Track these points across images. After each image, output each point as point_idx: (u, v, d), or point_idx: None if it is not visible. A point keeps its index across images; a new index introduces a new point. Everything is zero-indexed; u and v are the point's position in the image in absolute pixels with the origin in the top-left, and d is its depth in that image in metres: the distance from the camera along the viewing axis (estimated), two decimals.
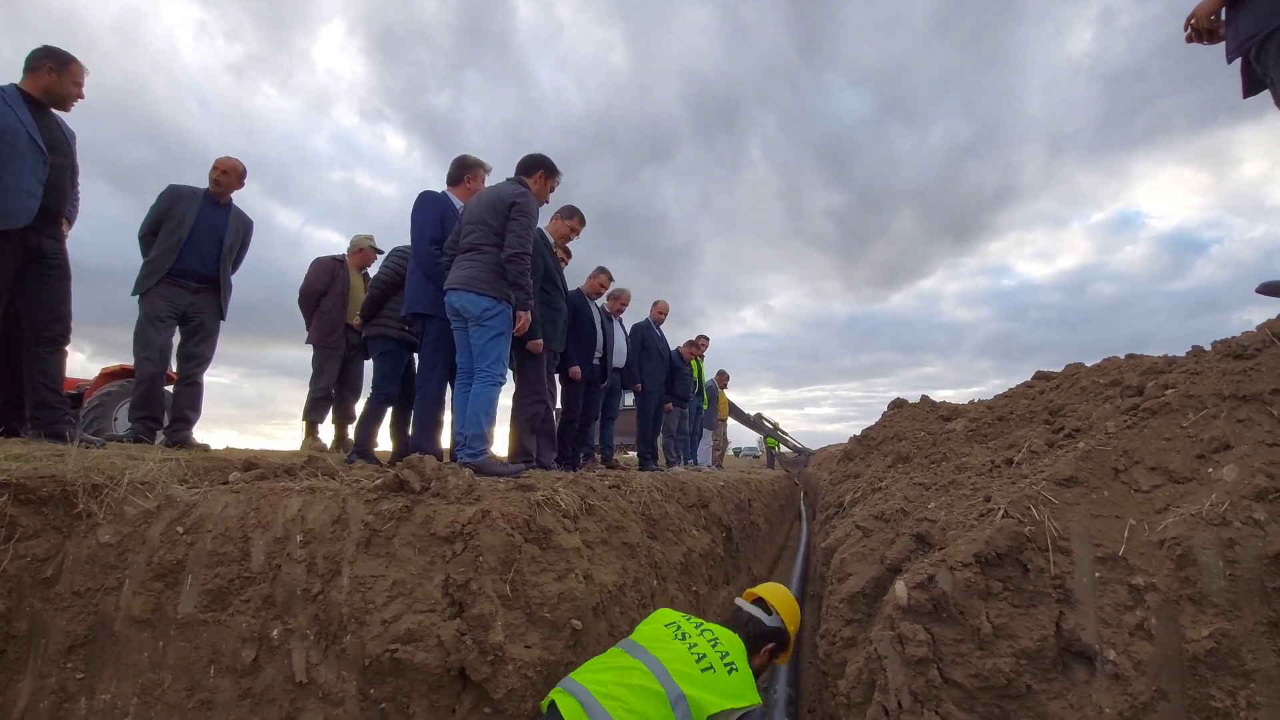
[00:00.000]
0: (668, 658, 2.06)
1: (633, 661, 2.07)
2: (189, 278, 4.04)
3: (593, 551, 3.02)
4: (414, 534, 2.53)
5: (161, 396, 4.02)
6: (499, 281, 3.34)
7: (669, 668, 2.03)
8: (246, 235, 4.48)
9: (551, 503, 2.85)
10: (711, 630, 2.23)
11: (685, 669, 2.04)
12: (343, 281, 5.46)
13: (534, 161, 3.63)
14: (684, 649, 2.11)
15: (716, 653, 2.13)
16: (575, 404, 5.41)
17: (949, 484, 2.61)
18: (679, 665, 2.05)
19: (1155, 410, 2.13)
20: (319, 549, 2.57)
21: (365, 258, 5.80)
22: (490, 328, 3.31)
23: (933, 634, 1.92)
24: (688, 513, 5.23)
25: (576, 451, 5.70)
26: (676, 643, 2.14)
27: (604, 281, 5.88)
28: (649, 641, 2.15)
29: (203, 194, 4.20)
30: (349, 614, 2.43)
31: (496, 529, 2.53)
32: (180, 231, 4.00)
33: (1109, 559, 1.81)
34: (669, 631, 2.19)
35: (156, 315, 3.94)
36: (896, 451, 4.65)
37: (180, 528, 2.61)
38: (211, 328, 4.14)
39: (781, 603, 2.47)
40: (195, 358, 4.06)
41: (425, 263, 3.84)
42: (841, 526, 3.53)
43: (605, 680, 2.03)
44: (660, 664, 2.04)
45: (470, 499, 2.58)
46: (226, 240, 4.20)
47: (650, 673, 2.01)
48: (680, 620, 2.26)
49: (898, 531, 2.61)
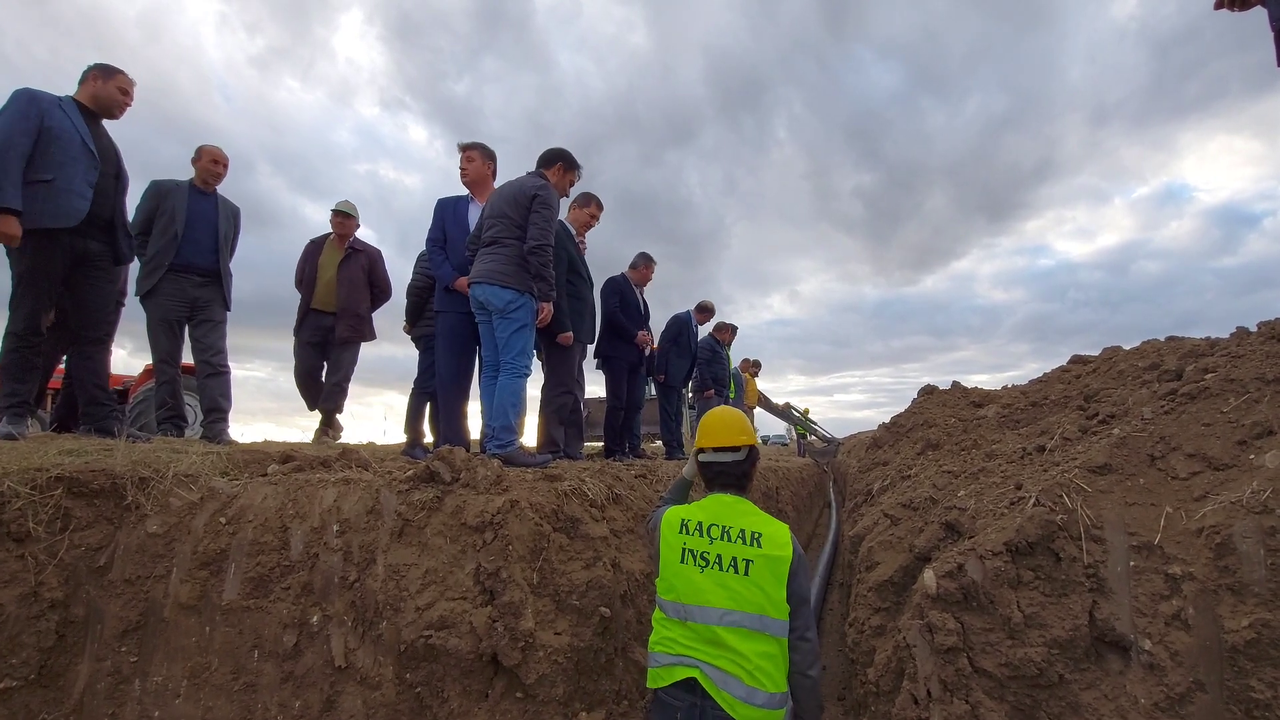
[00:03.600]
0: (721, 596, 1.97)
1: (709, 630, 1.97)
2: (190, 272, 4.07)
3: (620, 540, 3.05)
4: (445, 524, 2.59)
5: (181, 395, 4.14)
6: (522, 274, 3.37)
7: (735, 604, 1.96)
8: (237, 223, 4.47)
9: (579, 492, 2.89)
10: (717, 530, 2.07)
11: (734, 591, 1.97)
12: (312, 262, 5.00)
13: (553, 155, 3.65)
14: (720, 579, 2.00)
15: (742, 544, 2.01)
16: (620, 391, 5.42)
17: (979, 472, 2.58)
18: (736, 594, 1.96)
19: (1194, 395, 2.07)
20: (354, 538, 2.64)
21: (341, 228, 5.05)
22: (514, 320, 3.35)
23: (962, 623, 1.90)
24: None
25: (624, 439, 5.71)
26: (706, 575, 2.01)
27: (652, 271, 5.88)
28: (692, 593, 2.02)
29: (188, 186, 4.20)
30: (384, 601, 2.50)
31: (525, 519, 2.58)
32: (175, 226, 4.02)
33: (1144, 547, 1.77)
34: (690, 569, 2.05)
35: (164, 316, 4.00)
36: (926, 439, 4.60)
37: (223, 518, 2.71)
38: (219, 319, 4.19)
39: (736, 431, 2.25)
40: (211, 349, 4.11)
41: (431, 261, 4.00)
42: (869, 514, 3.50)
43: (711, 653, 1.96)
44: (724, 607, 1.96)
45: (499, 489, 2.62)
46: (221, 230, 4.22)
47: (723, 624, 1.95)
48: (694, 542, 2.08)
49: (926, 520, 2.59)
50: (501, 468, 2.70)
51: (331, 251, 5.05)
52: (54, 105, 3.39)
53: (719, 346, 8.09)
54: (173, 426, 4.01)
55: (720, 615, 1.95)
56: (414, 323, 4.62)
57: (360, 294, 4.95)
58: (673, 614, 2.05)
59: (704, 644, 1.96)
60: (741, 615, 1.93)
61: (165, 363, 4.02)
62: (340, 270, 4.91)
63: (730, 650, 1.92)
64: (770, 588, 1.93)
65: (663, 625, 2.08)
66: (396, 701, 2.42)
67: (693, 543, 2.06)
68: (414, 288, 4.59)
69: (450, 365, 3.87)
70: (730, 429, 2.26)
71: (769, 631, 1.92)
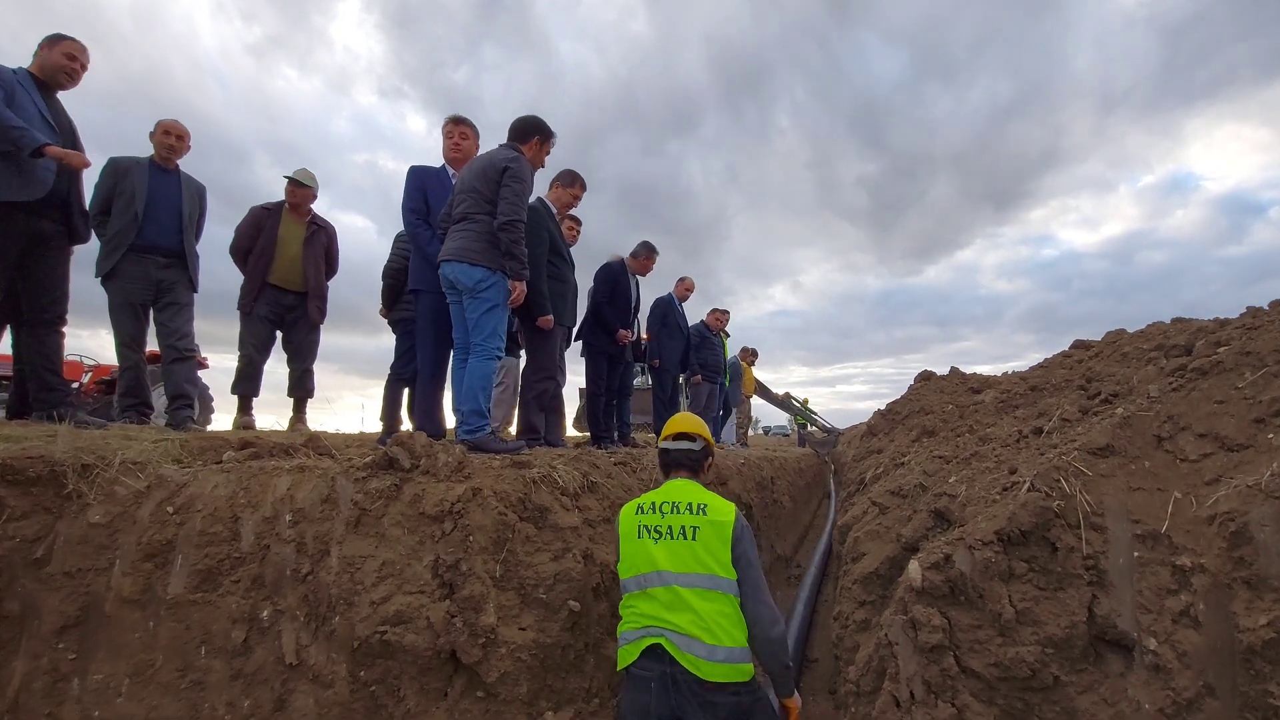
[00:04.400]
0: (675, 561, 2.16)
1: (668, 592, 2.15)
2: (154, 252, 3.88)
3: (594, 530, 2.90)
4: (403, 513, 2.44)
5: (147, 381, 3.97)
6: (492, 251, 3.19)
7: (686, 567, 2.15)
8: (202, 202, 4.25)
9: (549, 480, 2.73)
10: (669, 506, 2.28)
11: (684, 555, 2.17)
12: (269, 234, 4.54)
13: (527, 125, 3.46)
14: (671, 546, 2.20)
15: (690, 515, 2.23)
16: (600, 378, 5.26)
17: (971, 456, 2.41)
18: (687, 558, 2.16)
19: (1205, 370, 1.90)
20: (308, 529, 2.49)
21: (297, 198, 4.66)
22: (485, 300, 3.17)
23: (949, 619, 1.75)
24: None
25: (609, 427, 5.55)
26: (659, 545, 2.20)
27: (653, 262, 5.70)
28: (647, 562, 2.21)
29: (148, 163, 3.99)
30: (338, 595, 2.35)
31: (488, 507, 2.42)
32: (135, 205, 3.82)
33: (1149, 537, 1.61)
34: (647, 541, 2.24)
35: (127, 299, 3.80)
36: (922, 425, 4.43)
37: (170, 508, 2.56)
38: (185, 302, 3.98)
39: (694, 425, 2.57)
40: (177, 332, 3.90)
41: (409, 233, 3.72)
42: (858, 503, 3.35)
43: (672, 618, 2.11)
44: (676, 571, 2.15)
45: (460, 476, 2.47)
46: (184, 209, 4.02)
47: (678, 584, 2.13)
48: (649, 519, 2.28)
49: (915, 508, 2.43)
50: (464, 454, 2.54)
51: (293, 225, 4.68)
52: (11, 77, 3.24)
53: (709, 332, 7.90)
54: (136, 414, 3.85)
55: (675, 578, 2.14)
56: (391, 306, 4.45)
57: (324, 274, 4.74)
58: (634, 588, 2.22)
59: (665, 610, 2.12)
60: (694, 576, 2.13)
61: (128, 347, 3.86)
62: (306, 248, 4.65)
63: (690, 609, 2.08)
64: (717, 550, 2.15)
65: (627, 605, 2.25)
66: (350, 701, 2.27)
67: (647, 520, 2.27)
68: (390, 269, 4.41)
69: (431, 350, 3.69)
70: (691, 423, 2.59)
71: (720, 589, 2.11)
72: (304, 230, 4.71)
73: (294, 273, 4.62)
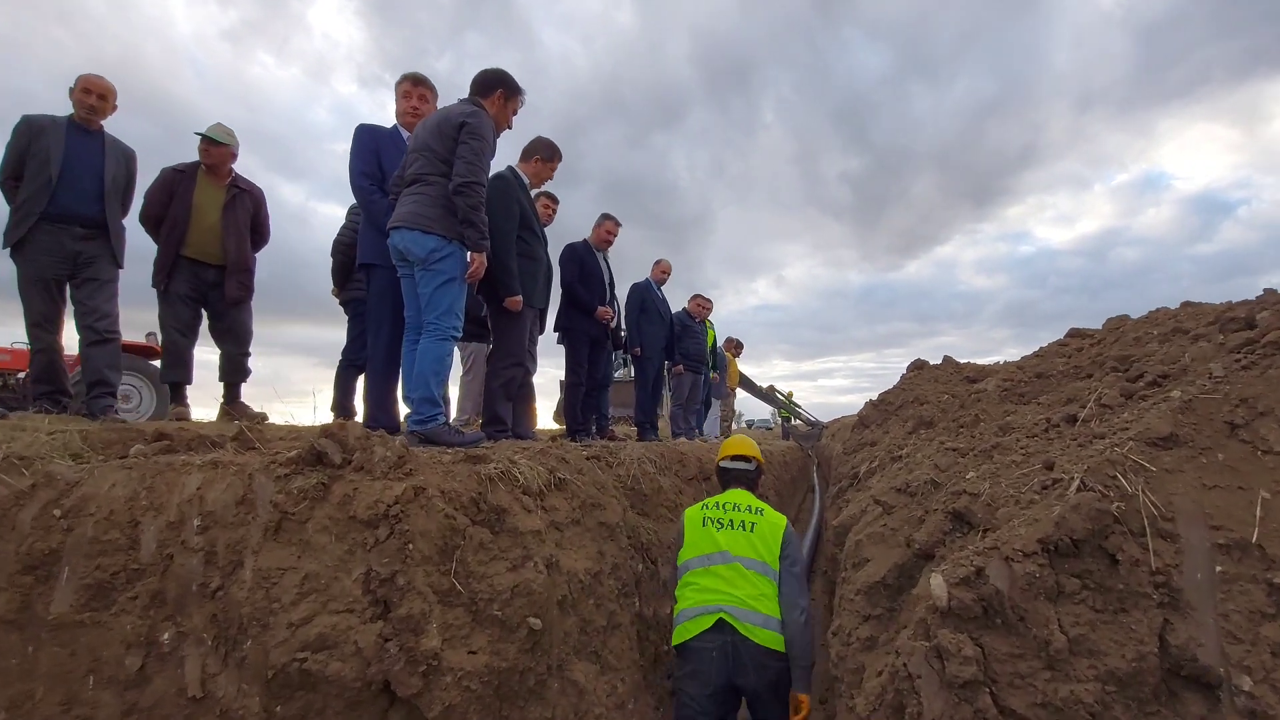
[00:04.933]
0: (738, 546, 2.66)
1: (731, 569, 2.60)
2: (70, 222, 3.43)
3: (561, 534, 2.55)
4: (331, 517, 2.07)
5: (63, 365, 3.54)
6: (448, 218, 2.82)
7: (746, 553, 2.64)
8: (131, 169, 3.79)
9: (508, 477, 2.38)
10: (732, 506, 2.83)
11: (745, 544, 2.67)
12: (182, 200, 3.94)
13: (490, 78, 3.07)
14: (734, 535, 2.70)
15: (749, 514, 2.79)
16: (580, 366, 4.90)
17: (992, 449, 2.10)
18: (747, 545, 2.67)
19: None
20: (219, 535, 2.12)
21: (213, 157, 4.05)
22: (438, 272, 2.80)
23: (983, 647, 1.42)
24: (687, 486, 4.77)
25: (588, 419, 5.21)
26: (723, 533, 2.71)
27: (611, 229, 5.31)
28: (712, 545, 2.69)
29: (66, 123, 3.52)
30: (251, 614, 1.98)
31: (433, 510, 2.07)
32: (49, 169, 3.37)
33: (1235, 547, 1.30)
34: (711, 530, 2.73)
35: (39, 274, 3.36)
36: (918, 416, 4.14)
37: (57, 510, 2.16)
38: (106, 278, 3.54)
39: (750, 449, 3.22)
40: (96, 312, 3.46)
41: (360, 200, 3.32)
42: (856, 501, 3.03)
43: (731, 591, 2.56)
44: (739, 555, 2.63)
45: (400, 474, 2.10)
46: (107, 174, 3.56)
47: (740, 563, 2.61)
48: (714, 513, 2.80)
49: (927, 508, 2.11)
50: (405, 446, 2.17)
51: (210, 190, 4.04)
52: None
53: (691, 320, 7.54)
54: (51, 403, 3.43)
55: (736, 558, 2.61)
56: (342, 285, 4.05)
57: (247, 245, 4.17)
58: (697, 565, 2.66)
59: (727, 584, 2.56)
60: (750, 560, 2.62)
61: (39, 327, 3.42)
62: (226, 215, 4.07)
63: (749, 583, 2.56)
64: (770, 544, 2.68)
65: (686, 584, 2.66)
66: None
67: (712, 514, 2.81)
68: (340, 243, 4.00)
69: (383, 331, 3.29)
70: (749, 446, 3.23)
71: (768, 575, 2.62)
72: (223, 195, 4.10)
73: (212, 244, 4.02)
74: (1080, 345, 4.45)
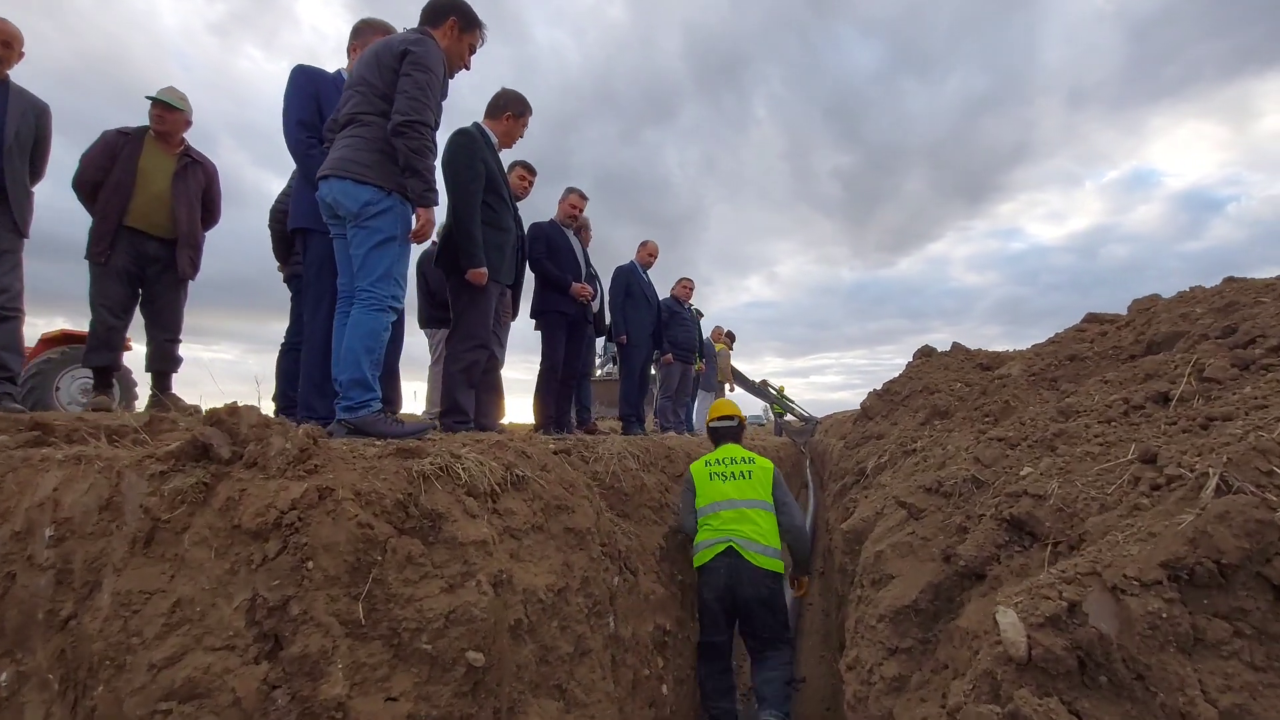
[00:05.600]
0: (739, 492, 3.52)
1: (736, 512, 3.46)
2: None
3: (518, 543, 2.11)
4: (212, 526, 1.62)
5: None
6: (386, 164, 2.36)
7: (746, 495, 3.51)
8: (42, 125, 3.35)
9: (448, 474, 1.93)
10: (728, 459, 3.72)
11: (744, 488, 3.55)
12: (127, 164, 3.56)
13: (442, 6, 2.59)
14: (736, 483, 3.57)
15: (743, 464, 3.67)
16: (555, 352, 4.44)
17: (1053, 437, 1.67)
18: (746, 489, 3.54)
19: None
20: (77, 549, 1.67)
21: (165, 124, 3.68)
22: (374, 230, 2.34)
23: (1079, 715, 1.00)
24: (675, 483, 4.34)
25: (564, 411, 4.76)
26: (727, 483, 3.57)
27: (575, 203, 4.85)
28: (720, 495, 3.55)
29: None
30: (103, 652, 1.53)
31: (342, 516, 1.62)
32: None
33: None
34: (718, 482, 3.59)
35: None
36: (932, 405, 3.72)
37: None
38: (6, 248, 3.07)
39: (733, 409, 4.25)
40: None
41: (295, 153, 2.85)
42: (869, 501, 2.61)
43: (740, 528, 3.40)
44: (740, 498, 3.50)
45: (302, 470, 1.65)
46: (8, 131, 3.10)
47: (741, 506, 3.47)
48: (716, 468, 3.67)
49: (970, 511, 1.69)
50: (313, 437, 1.72)
51: (159, 156, 3.69)
52: None
53: (679, 306, 7.09)
54: None
55: (740, 502, 3.47)
56: (286, 259, 3.58)
57: (198, 219, 3.79)
58: (709, 511, 3.50)
59: (734, 522, 3.40)
60: (751, 501, 3.50)
61: None
62: (176, 184, 3.68)
63: (751, 521, 3.42)
64: (763, 486, 3.60)
65: (706, 524, 3.49)
66: None
67: (715, 469, 3.68)
68: (279, 211, 3.52)
69: (322, 306, 2.83)
70: (732, 407, 4.28)
71: (766, 510, 3.51)
72: (173, 163, 3.72)
73: (159, 214, 3.63)
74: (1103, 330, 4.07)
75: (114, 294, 3.57)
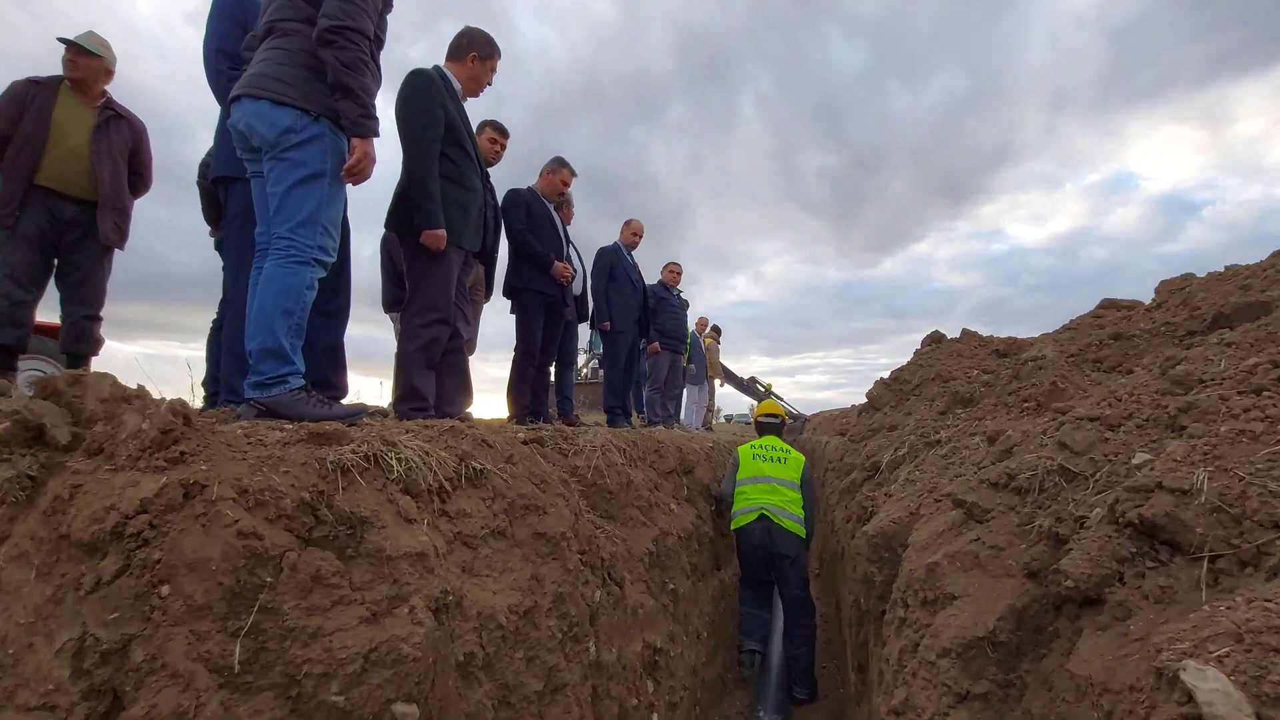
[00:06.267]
0: (775, 472, 4.43)
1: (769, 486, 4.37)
2: None
3: (473, 554, 1.68)
4: (36, 535, 1.17)
5: None
6: (312, 81, 1.90)
7: (780, 476, 4.42)
8: None
9: (375, 466, 1.49)
10: (769, 446, 4.62)
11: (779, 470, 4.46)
12: (39, 116, 3.10)
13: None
14: (773, 465, 4.48)
15: (781, 452, 4.61)
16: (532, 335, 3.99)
17: (1178, 413, 1.27)
18: (780, 471, 4.46)
19: None
20: None
21: (81, 70, 3.21)
22: (294, 162, 1.87)
23: None
24: (665, 481, 3.92)
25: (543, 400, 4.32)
26: (766, 464, 4.47)
27: (565, 179, 4.39)
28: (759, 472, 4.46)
29: None
30: None
31: (215, 523, 1.18)
32: None
33: None
34: (759, 462, 4.50)
35: None
36: (951, 393, 3.34)
37: None
38: None
39: (778, 409, 5.43)
40: None
41: (215, 86, 2.38)
42: (901, 499, 2.20)
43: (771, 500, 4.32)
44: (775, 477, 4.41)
45: (162, 459, 1.21)
46: None
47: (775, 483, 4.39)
48: (759, 451, 4.58)
49: (1062, 513, 1.28)
50: (179, 415, 1.27)
51: (76, 108, 3.21)
52: None
53: (666, 292, 6.63)
54: None
55: (774, 480, 4.38)
56: (216, 222, 3.12)
57: (124, 179, 3.29)
58: (748, 483, 4.42)
59: (766, 493, 4.31)
60: (784, 480, 4.39)
61: None
62: (97, 139, 3.21)
63: (782, 494, 4.31)
64: (795, 469, 4.49)
65: (743, 494, 4.40)
66: None
67: (759, 451, 4.59)
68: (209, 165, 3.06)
69: (245, 266, 2.34)
70: (774, 406, 5.49)
71: (795, 489, 4.38)
72: (93, 116, 3.25)
73: (77, 171, 3.16)
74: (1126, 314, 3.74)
75: (23, 262, 3.09)
